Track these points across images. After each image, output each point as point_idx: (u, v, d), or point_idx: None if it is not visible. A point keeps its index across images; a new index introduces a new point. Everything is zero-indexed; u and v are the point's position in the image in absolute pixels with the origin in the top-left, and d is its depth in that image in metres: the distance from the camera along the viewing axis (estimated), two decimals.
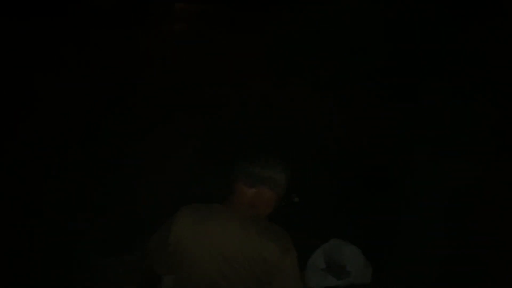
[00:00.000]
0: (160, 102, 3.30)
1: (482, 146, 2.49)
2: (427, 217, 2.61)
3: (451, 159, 2.61)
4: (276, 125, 3.28)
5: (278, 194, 1.67)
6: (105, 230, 2.91)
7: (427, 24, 2.93)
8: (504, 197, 2.39)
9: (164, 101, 3.30)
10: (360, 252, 2.55)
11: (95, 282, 2.75)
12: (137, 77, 3.27)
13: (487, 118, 2.51)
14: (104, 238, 2.90)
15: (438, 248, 2.53)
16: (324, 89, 3.30)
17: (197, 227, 1.58)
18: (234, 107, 3.39)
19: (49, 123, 3.06)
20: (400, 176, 2.96)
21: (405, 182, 2.87)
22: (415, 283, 2.40)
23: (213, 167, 2.71)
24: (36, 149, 2.96)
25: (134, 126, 3.24)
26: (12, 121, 2.95)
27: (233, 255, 1.56)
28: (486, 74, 2.52)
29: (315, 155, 3.26)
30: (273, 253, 1.54)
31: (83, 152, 3.08)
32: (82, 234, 2.86)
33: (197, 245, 1.58)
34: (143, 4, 3.43)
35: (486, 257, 2.39)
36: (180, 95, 3.33)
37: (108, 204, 3.02)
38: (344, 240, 2.62)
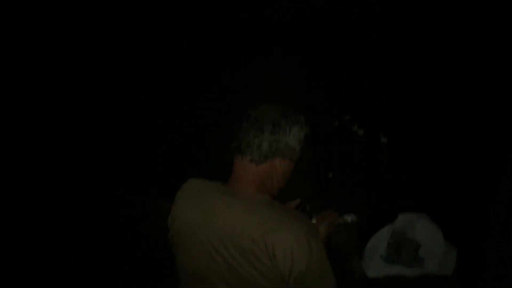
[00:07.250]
0: None
1: None
2: None
3: None
4: None
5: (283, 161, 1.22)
6: None
7: None
8: None
9: None
10: (441, 232, 1.94)
11: None
12: None
13: None
14: None
15: None
16: None
17: (192, 210, 1.24)
18: None
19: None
20: None
21: None
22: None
23: None
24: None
25: None
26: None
27: (235, 247, 1.15)
28: None
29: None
30: (285, 245, 1.10)
31: None
32: None
33: (190, 232, 1.22)
34: None
35: None
36: None
37: None
38: (420, 213, 2.01)
